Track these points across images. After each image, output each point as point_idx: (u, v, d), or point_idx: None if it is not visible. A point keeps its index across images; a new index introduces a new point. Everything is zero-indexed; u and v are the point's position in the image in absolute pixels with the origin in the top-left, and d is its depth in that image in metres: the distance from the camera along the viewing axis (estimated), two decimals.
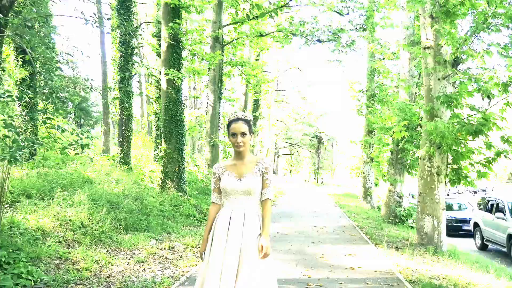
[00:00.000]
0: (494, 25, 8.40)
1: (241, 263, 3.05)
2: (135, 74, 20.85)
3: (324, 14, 16.02)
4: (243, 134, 3.21)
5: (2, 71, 5.51)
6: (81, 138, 4.64)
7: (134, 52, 16.92)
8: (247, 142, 3.25)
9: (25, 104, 5.09)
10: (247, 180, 3.20)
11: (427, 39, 8.85)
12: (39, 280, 5.08)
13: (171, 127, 12.33)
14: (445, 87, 8.56)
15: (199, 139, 34.46)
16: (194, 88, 37.77)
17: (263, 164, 3.28)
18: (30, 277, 5.02)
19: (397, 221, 13.59)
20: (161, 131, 13.00)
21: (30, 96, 5.16)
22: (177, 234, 8.84)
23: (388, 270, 6.56)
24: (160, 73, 17.99)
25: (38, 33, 10.87)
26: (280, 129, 53.13)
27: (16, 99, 5.15)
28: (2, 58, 5.39)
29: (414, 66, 13.74)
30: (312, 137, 54.37)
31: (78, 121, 33.89)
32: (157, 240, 8.07)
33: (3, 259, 5.06)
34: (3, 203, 5.46)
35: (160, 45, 17.44)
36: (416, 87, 14.12)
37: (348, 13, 16.36)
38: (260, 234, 3.14)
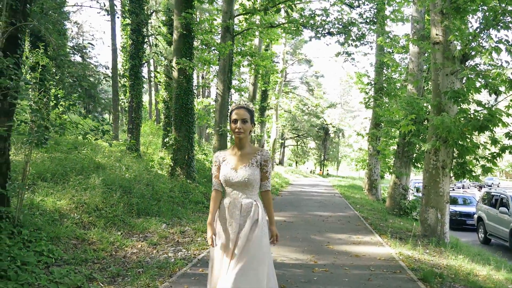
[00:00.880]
0: (504, 22, 8.50)
1: (238, 246, 3.09)
2: (146, 62, 21.06)
3: (335, 7, 16.09)
4: (244, 121, 3.19)
5: (26, 58, 5.73)
6: (102, 125, 4.87)
7: (145, 40, 17.09)
8: (247, 129, 3.22)
9: (45, 90, 5.31)
10: (242, 172, 3.18)
11: (436, 34, 8.98)
12: (59, 258, 5.36)
13: (182, 115, 12.57)
14: (453, 83, 8.70)
15: (207, 128, 34.70)
16: (202, 77, 37.93)
17: (262, 157, 3.26)
18: (51, 255, 5.29)
19: (401, 213, 13.80)
20: (172, 119, 13.23)
21: (51, 82, 5.37)
22: (187, 220, 9.12)
23: (391, 258, 6.79)
24: (170, 61, 18.21)
25: (52, 20, 11.07)
26: (287, 119, 53.25)
27: (38, 85, 5.36)
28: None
29: (423, 60, 13.82)
30: (318, 129, 54.48)
31: (87, 107, 34.21)
32: (168, 224, 8.34)
33: (26, 238, 5.34)
34: (24, 185, 5.71)
35: (170, 34, 17.63)
36: (425, 82, 14.22)
37: (358, 6, 16.41)
38: (257, 220, 3.16)
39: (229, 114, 3.31)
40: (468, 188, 41.23)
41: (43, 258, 5.16)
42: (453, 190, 29.49)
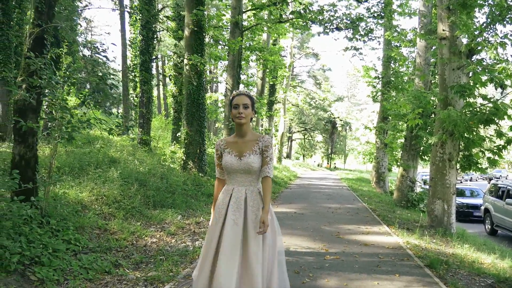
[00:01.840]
0: (510, 17, 8.66)
1: (247, 238, 3.07)
2: (155, 57, 21.38)
3: (343, 1, 16.23)
4: (245, 106, 3.18)
5: (52, 57, 6.02)
6: (127, 121, 5.16)
7: (155, 36, 17.37)
8: (248, 115, 3.21)
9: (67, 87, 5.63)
10: (247, 159, 3.16)
11: (443, 30, 9.17)
12: (85, 246, 5.69)
13: (193, 110, 12.87)
14: (459, 77, 8.91)
15: (215, 122, 35.01)
16: (210, 72, 38.20)
17: (263, 142, 3.23)
18: (77, 243, 5.62)
19: (409, 205, 14.03)
20: (183, 114, 13.52)
21: (74, 80, 5.68)
22: (201, 211, 9.44)
23: (399, 247, 7.08)
24: (179, 57, 18.47)
25: (65, 17, 11.37)
26: (295, 113, 53.44)
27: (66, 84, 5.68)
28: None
29: (430, 55, 13.98)
30: (326, 122, 54.62)
31: (97, 102, 34.60)
32: (183, 216, 8.67)
33: (54, 227, 5.67)
34: (50, 178, 6.04)
35: (179, 29, 17.90)
36: (432, 76, 14.39)
37: (366, 0, 16.56)
38: (263, 208, 3.13)
39: (229, 102, 3.31)
40: (476, 180, 41.34)
41: (71, 246, 5.49)
42: (461, 182, 29.65)
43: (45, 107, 8.18)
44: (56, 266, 4.72)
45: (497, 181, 16.36)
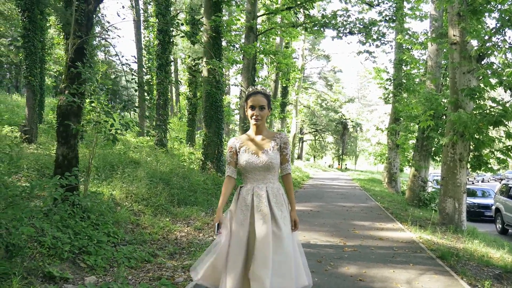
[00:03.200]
0: None
1: (279, 236, 3.04)
2: (172, 61, 21.94)
3: (355, 7, 16.67)
4: (262, 107, 3.14)
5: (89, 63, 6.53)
6: (161, 125, 5.67)
7: (171, 40, 17.92)
8: (264, 116, 3.18)
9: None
10: (265, 156, 3.13)
11: (454, 35, 9.56)
12: (123, 239, 6.21)
13: (212, 113, 13.38)
14: (470, 80, 9.29)
15: (228, 124, 35.55)
16: (222, 74, 38.69)
17: (281, 139, 3.21)
18: (116, 236, 6.14)
19: (420, 204, 14.40)
20: (202, 116, 14.03)
21: (110, 87, 6.20)
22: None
23: (412, 241, 7.51)
24: (193, 60, 19.04)
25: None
26: (306, 114, 53.84)
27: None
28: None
29: (442, 58, 14.31)
30: (337, 123, 54.92)
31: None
32: (206, 213, 9.16)
33: (94, 221, 6.20)
34: (89, 176, 6.58)
35: (193, 33, 18.43)
36: (443, 78, 14.73)
37: (378, 4, 16.95)
38: (290, 206, 3.24)
39: (245, 99, 3.24)
40: (488, 181, 41.32)
41: (110, 238, 6.01)
42: (472, 183, 29.77)
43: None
44: (102, 255, 5.24)
45: (508, 181, 16.63)
